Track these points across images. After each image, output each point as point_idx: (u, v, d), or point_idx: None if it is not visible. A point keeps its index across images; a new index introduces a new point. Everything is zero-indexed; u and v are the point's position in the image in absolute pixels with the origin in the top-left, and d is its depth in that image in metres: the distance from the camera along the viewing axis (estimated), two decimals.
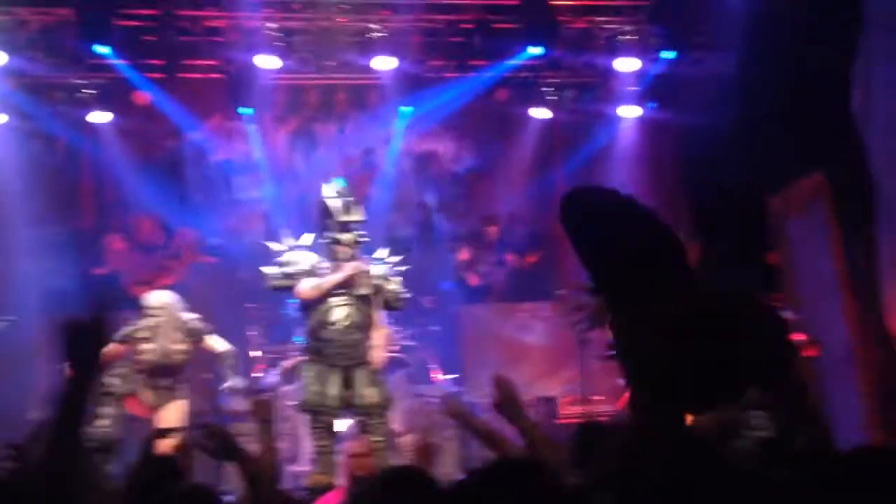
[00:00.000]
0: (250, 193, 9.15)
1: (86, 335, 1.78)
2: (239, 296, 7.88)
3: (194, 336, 6.25)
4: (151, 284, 8.14)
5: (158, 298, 6.32)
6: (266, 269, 6.09)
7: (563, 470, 2.68)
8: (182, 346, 6.21)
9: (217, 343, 6.28)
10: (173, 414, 6.18)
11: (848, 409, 5.95)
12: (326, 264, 6.05)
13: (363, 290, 5.97)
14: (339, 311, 5.94)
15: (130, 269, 8.32)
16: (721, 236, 7.41)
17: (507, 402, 3.11)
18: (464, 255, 9.01)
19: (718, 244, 7.36)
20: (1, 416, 6.32)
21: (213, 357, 6.33)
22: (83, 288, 7.73)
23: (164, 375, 6.21)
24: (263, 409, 3.62)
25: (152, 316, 6.19)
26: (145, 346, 6.16)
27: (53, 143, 8.43)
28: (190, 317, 6.29)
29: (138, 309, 6.31)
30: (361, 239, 6.08)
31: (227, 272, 8.35)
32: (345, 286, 5.96)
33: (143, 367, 6.19)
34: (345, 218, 6.00)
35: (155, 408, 6.20)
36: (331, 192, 6.10)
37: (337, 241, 6.01)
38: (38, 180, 7.98)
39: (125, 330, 6.17)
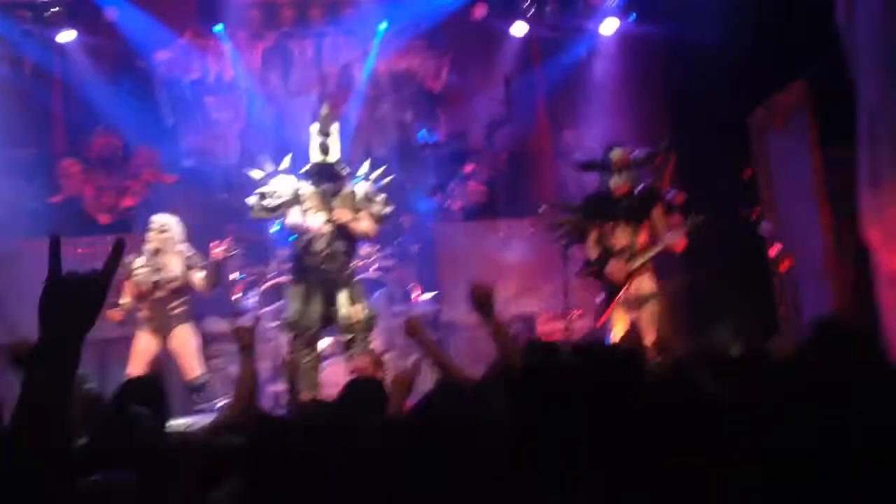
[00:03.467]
0: (224, 114, 8.99)
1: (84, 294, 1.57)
2: (216, 218, 7.81)
3: (190, 263, 6.19)
4: (114, 207, 8.07)
5: (161, 219, 6.22)
6: (249, 200, 6.06)
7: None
8: (180, 271, 6.15)
9: (200, 279, 6.21)
10: (186, 335, 6.17)
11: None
12: (309, 189, 6.01)
13: (343, 220, 5.95)
14: (322, 241, 5.94)
15: (89, 192, 8.19)
16: (701, 149, 7.37)
17: (481, 301, 3.19)
18: (468, 167, 8.95)
19: (698, 157, 7.34)
20: None
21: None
22: (47, 214, 7.65)
23: (166, 300, 6.14)
24: (245, 335, 3.66)
25: (156, 237, 6.11)
26: (141, 270, 6.09)
27: (21, 63, 8.20)
28: (186, 245, 6.23)
29: (101, 232, 6.25)
30: (342, 172, 6.07)
31: (202, 194, 8.26)
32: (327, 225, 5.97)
33: (144, 293, 6.11)
34: (321, 159, 5.97)
35: (161, 334, 6.15)
36: (315, 127, 6.06)
37: (317, 171, 6.05)
38: (6, 102, 7.80)
39: (128, 259, 6.09)
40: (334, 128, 6.07)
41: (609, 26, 8.69)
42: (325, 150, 6.01)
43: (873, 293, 5.55)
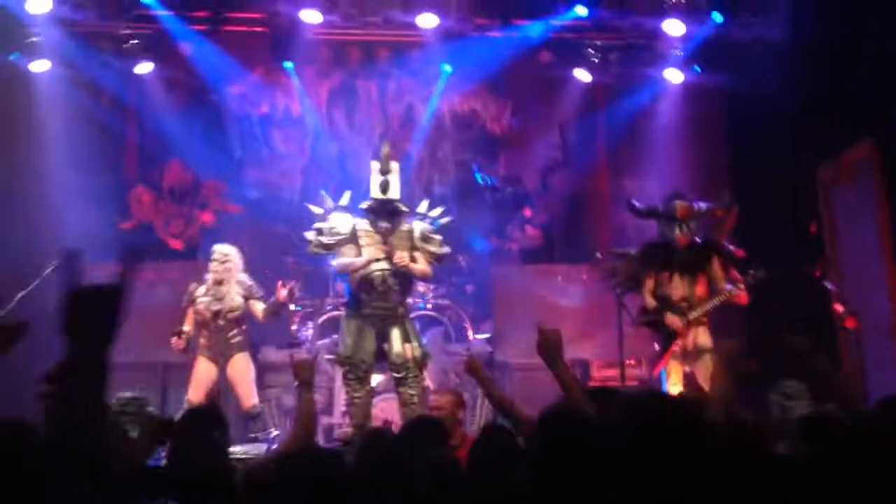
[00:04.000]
0: (290, 148, 9.20)
1: (104, 303, 1.63)
2: (276, 249, 7.95)
3: (249, 294, 6.29)
4: (183, 235, 8.27)
5: (223, 249, 6.34)
6: (307, 234, 6.13)
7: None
8: (240, 301, 6.25)
9: (259, 310, 6.31)
10: (243, 364, 6.26)
11: (887, 380, 5.88)
12: (366, 227, 6.07)
13: (401, 263, 5.97)
14: (377, 277, 5.97)
15: (159, 219, 8.43)
16: (762, 204, 7.30)
17: (548, 346, 3.17)
18: (527, 211, 8.99)
19: (759, 211, 7.26)
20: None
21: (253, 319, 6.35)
22: (118, 240, 7.87)
23: (225, 328, 6.23)
24: (304, 369, 3.68)
25: (219, 266, 6.22)
26: (204, 298, 6.21)
27: (99, 92, 8.51)
28: (246, 276, 6.34)
29: (172, 257, 6.37)
30: (400, 208, 6.11)
31: (264, 225, 8.43)
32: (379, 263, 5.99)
33: (205, 321, 6.21)
34: (380, 197, 6.04)
35: (219, 361, 6.24)
36: (376, 165, 6.13)
37: (374, 210, 6.07)
38: (83, 130, 8.08)
39: (191, 287, 6.23)
40: (394, 166, 6.13)
41: (674, 75, 8.70)
42: (384, 187, 6.06)
43: None
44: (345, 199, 6.20)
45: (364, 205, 6.13)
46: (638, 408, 2.34)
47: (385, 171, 6.08)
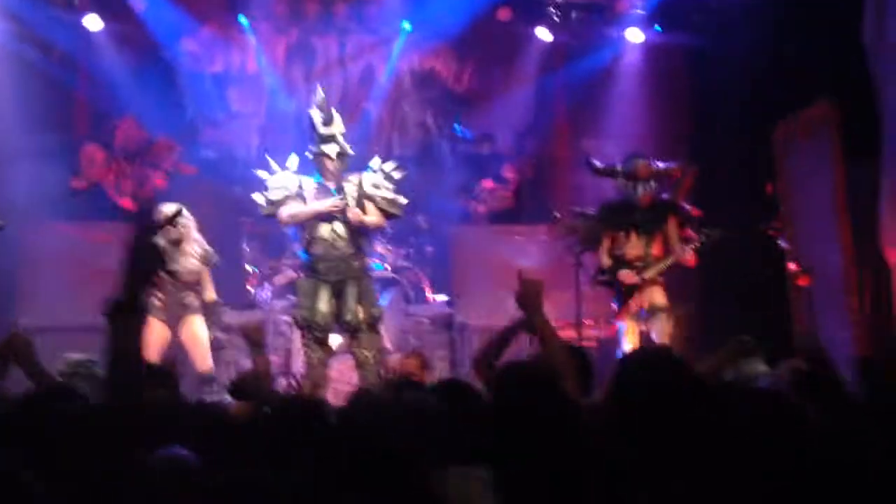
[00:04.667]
0: (245, 107, 9.02)
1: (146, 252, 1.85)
2: (233, 210, 7.84)
3: (205, 260, 6.19)
4: (135, 195, 8.12)
5: (171, 210, 6.16)
6: (255, 196, 6.04)
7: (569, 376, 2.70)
8: (196, 265, 6.15)
9: (209, 288, 6.21)
10: (198, 327, 6.17)
11: (840, 337, 5.96)
12: (313, 184, 5.97)
13: (354, 219, 5.88)
14: (326, 228, 5.89)
15: (110, 178, 8.25)
16: (722, 163, 7.32)
17: (529, 296, 3.08)
18: (507, 171, 8.94)
19: (718, 171, 7.29)
20: None
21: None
22: (67, 197, 7.71)
23: (180, 290, 6.12)
24: (253, 333, 3.66)
25: (171, 229, 6.09)
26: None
27: (48, 48, 8.26)
28: (200, 237, 6.22)
29: (124, 217, 6.23)
30: (345, 151, 5.99)
31: (219, 186, 8.29)
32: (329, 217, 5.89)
33: (163, 282, 6.03)
34: (325, 131, 5.93)
35: (173, 323, 6.13)
36: (313, 105, 6.02)
37: (322, 154, 5.95)
38: (31, 86, 7.86)
39: None
40: (337, 116, 6.02)
41: (635, 35, 8.65)
42: (327, 121, 5.95)
43: (892, 311, 5.50)
44: (291, 161, 6.08)
45: (311, 150, 5.99)
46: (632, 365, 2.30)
47: (328, 122, 5.97)
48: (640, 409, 2.00)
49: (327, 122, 5.94)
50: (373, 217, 5.98)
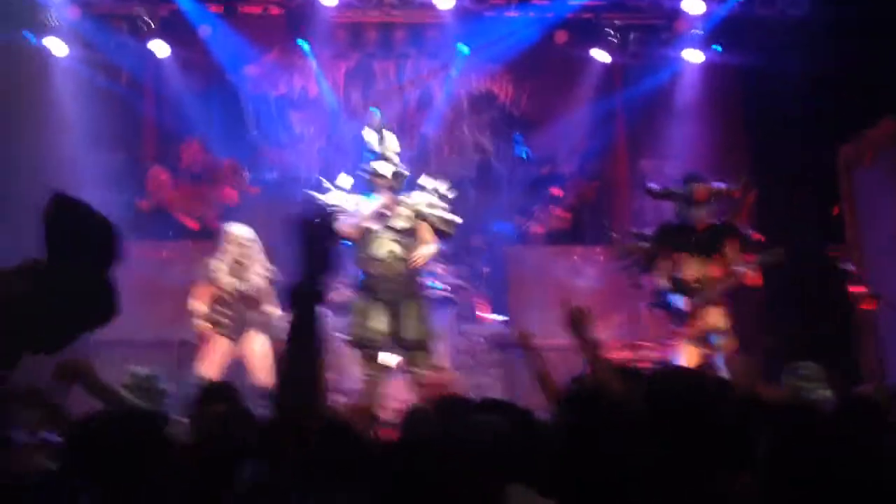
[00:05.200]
0: (307, 129, 9.20)
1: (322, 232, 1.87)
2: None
3: (270, 279, 6.26)
4: (202, 215, 8.30)
5: (241, 231, 6.29)
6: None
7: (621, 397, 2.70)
8: (262, 282, 6.23)
9: (273, 304, 6.27)
10: (259, 343, 6.23)
11: None
12: (369, 203, 6.04)
13: (400, 223, 5.97)
14: (381, 245, 5.95)
15: (176, 200, 8.46)
16: (784, 185, 7.20)
17: (578, 321, 3.15)
18: (556, 190, 8.96)
19: (779, 193, 7.17)
20: None
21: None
22: (136, 219, 7.93)
23: (246, 308, 6.20)
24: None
25: (237, 248, 6.19)
26: (230, 278, 6.17)
27: (116, 73, 8.55)
28: (264, 258, 6.30)
29: (188, 236, 6.36)
30: (400, 170, 6.05)
31: (281, 207, 8.43)
32: (381, 219, 5.95)
33: (229, 300, 6.17)
34: (379, 148, 6.00)
35: (237, 340, 6.21)
36: (367, 126, 6.10)
37: (374, 173, 6.01)
38: (102, 111, 8.13)
39: (212, 264, 6.19)
40: (389, 135, 6.12)
41: (694, 55, 8.58)
42: (381, 140, 6.05)
43: None
44: (342, 180, 6.16)
45: (363, 168, 6.08)
46: (664, 386, 2.29)
47: (378, 129, 6.08)
48: (670, 419, 2.01)
49: (380, 141, 6.04)
50: (429, 245, 6.03)
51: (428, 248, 6.02)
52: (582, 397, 2.69)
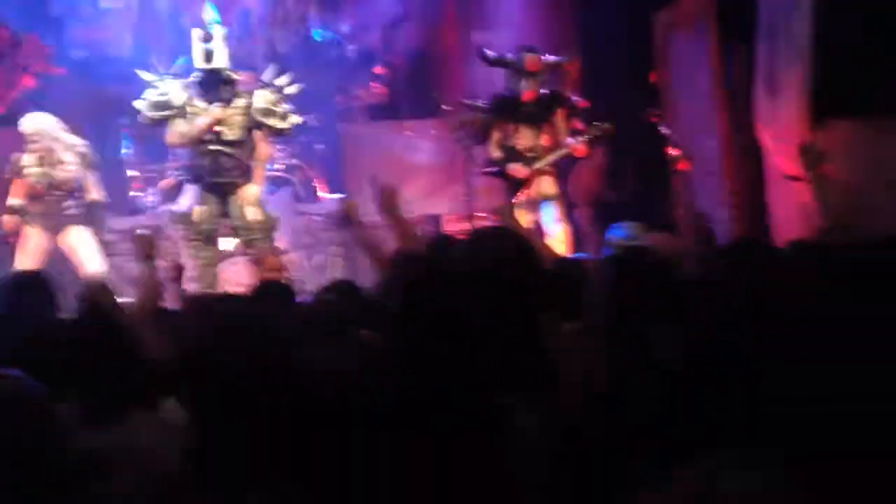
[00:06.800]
0: (115, 3, 8.50)
1: None
2: (108, 111, 7.48)
3: (85, 162, 5.93)
4: (2, 99, 7.65)
5: (33, 123, 5.88)
6: (138, 104, 5.82)
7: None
8: (73, 168, 5.88)
9: (93, 189, 5.97)
10: (81, 234, 5.95)
11: (715, 219, 6.26)
12: (199, 101, 5.80)
13: (233, 135, 5.81)
14: (207, 157, 5.78)
15: None
16: (605, 53, 7.41)
17: (388, 200, 3.22)
18: (378, 68, 8.79)
19: (602, 61, 7.38)
20: None
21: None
22: None
23: (60, 199, 5.88)
24: (146, 245, 3.57)
25: (40, 139, 5.81)
26: (35, 170, 5.81)
27: None
28: (75, 140, 5.94)
29: None
30: (231, 79, 5.86)
31: (93, 87, 7.87)
32: (213, 131, 5.76)
33: (37, 193, 5.84)
34: (204, 66, 5.74)
35: (54, 232, 5.91)
36: (196, 32, 5.83)
37: (205, 84, 5.81)
38: None
39: (21, 159, 5.81)
40: (218, 32, 5.83)
41: None
42: (208, 56, 5.77)
43: (765, 192, 5.80)
44: (178, 64, 5.89)
45: (190, 78, 5.84)
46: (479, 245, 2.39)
47: (207, 39, 5.77)
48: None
49: (208, 58, 5.75)
50: (262, 150, 5.92)
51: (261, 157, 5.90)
52: (408, 259, 2.79)
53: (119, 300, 2.86)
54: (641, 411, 1.71)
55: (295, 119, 6.02)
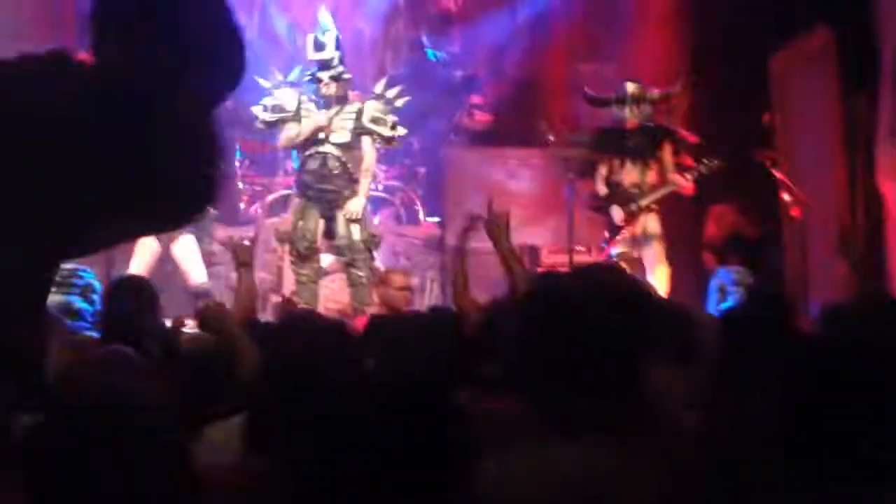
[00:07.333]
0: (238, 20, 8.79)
1: None
2: (221, 123, 7.70)
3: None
4: None
5: None
6: (254, 109, 6.02)
7: None
8: None
9: None
10: (188, 242, 6.14)
11: (827, 270, 6.01)
12: (312, 106, 5.95)
13: (342, 138, 5.90)
14: (316, 160, 5.87)
15: None
16: (720, 91, 7.23)
17: (495, 222, 3.20)
18: (475, 98, 8.85)
19: (716, 99, 7.21)
20: None
21: None
22: None
23: None
24: (242, 251, 3.68)
25: None
26: None
27: None
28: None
29: None
30: (342, 76, 5.98)
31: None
32: (321, 135, 5.89)
33: None
34: (315, 56, 5.86)
35: (162, 240, 6.06)
36: (311, 38, 6.07)
37: (317, 79, 5.91)
38: None
39: None
40: (331, 36, 6.02)
41: None
42: (319, 46, 5.97)
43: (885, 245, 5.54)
44: (294, 74, 6.09)
45: (307, 74, 6.03)
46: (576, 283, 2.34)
47: (319, 47, 5.96)
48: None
49: (319, 47, 5.90)
50: (370, 162, 6.06)
51: (367, 179, 6.06)
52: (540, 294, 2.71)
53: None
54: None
55: (401, 130, 6.13)
